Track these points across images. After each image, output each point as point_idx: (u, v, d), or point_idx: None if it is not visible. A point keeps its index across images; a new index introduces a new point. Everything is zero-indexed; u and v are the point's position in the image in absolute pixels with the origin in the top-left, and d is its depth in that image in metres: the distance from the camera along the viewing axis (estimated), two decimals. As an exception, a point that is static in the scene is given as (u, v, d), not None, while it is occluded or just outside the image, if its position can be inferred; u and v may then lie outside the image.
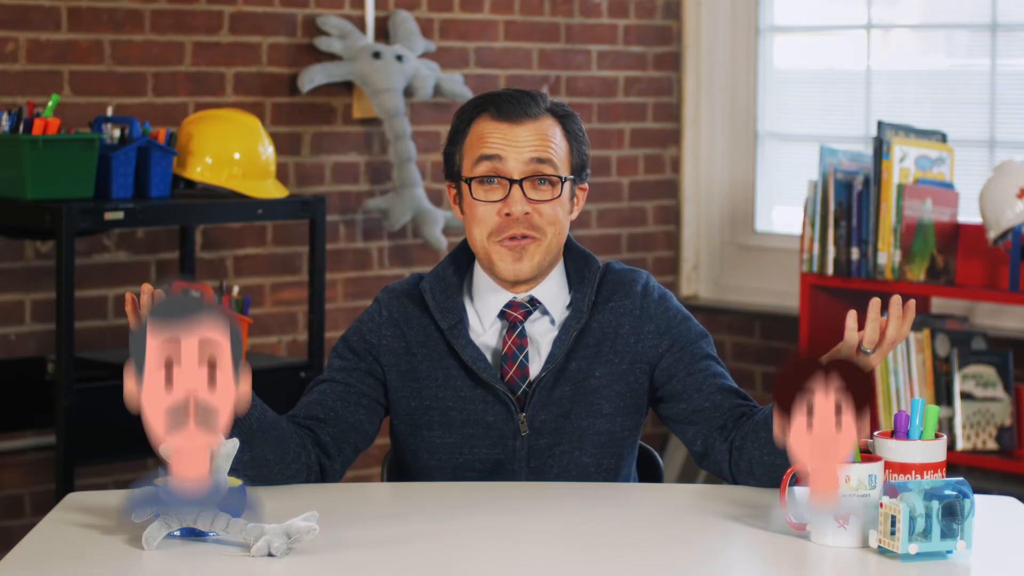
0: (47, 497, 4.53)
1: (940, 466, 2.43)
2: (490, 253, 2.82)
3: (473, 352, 2.81)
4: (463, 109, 2.87)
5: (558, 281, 2.87)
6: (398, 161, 4.96)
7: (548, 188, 2.81)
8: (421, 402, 2.84)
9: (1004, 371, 4.74)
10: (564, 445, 2.82)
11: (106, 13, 4.59)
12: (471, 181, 2.81)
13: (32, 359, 4.44)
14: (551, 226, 2.81)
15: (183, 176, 4.30)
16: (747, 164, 5.78)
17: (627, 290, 2.88)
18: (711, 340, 2.92)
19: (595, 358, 2.84)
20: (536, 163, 2.80)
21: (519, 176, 2.80)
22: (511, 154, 2.80)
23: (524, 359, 2.82)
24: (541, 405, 2.81)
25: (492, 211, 2.80)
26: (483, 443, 2.82)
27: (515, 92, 2.84)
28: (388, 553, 2.37)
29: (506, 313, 2.84)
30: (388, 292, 2.92)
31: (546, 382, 2.81)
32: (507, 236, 2.80)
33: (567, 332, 2.82)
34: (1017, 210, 4.53)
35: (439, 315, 2.84)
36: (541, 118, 2.83)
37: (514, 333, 2.83)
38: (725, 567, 2.39)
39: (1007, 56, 5.22)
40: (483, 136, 2.82)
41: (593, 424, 2.83)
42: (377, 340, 2.86)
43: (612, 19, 5.64)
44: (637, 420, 2.89)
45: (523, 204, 2.79)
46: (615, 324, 2.86)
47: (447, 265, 2.90)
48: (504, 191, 2.80)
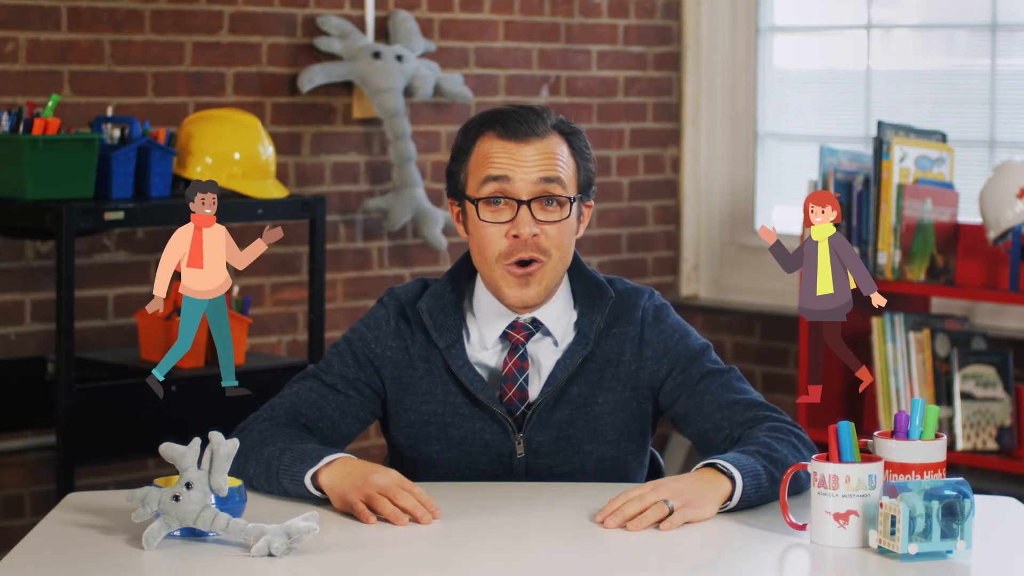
0: (47, 497, 4.53)
1: (940, 466, 2.43)
2: (496, 278, 2.76)
3: (470, 373, 2.78)
4: (467, 127, 2.81)
5: (562, 301, 2.83)
6: (398, 161, 4.96)
7: (556, 208, 2.75)
8: (420, 416, 2.82)
9: (1004, 371, 4.74)
10: (565, 467, 2.80)
11: (106, 13, 4.59)
12: (478, 202, 2.75)
13: (32, 359, 4.44)
14: (557, 249, 2.75)
15: (183, 176, 4.30)
16: (747, 164, 5.78)
17: (629, 315, 2.84)
18: (711, 351, 2.86)
19: (598, 384, 2.81)
20: (544, 183, 2.74)
21: (527, 197, 2.74)
22: (519, 174, 2.74)
23: (524, 381, 2.79)
24: (539, 427, 2.79)
25: (500, 233, 2.74)
26: (481, 460, 2.81)
27: (521, 109, 2.78)
28: (388, 553, 2.38)
29: (508, 335, 2.81)
30: (395, 297, 2.87)
31: (545, 405, 2.79)
32: (514, 261, 2.74)
33: (571, 357, 2.79)
34: (1017, 210, 4.53)
35: (436, 334, 2.80)
36: (548, 136, 2.76)
37: (515, 355, 2.80)
38: (725, 567, 2.39)
39: (1007, 56, 5.22)
40: (489, 156, 2.76)
41: (597, 449, 2.81)
42: (381, 351, 2.83)
43: (612, 19, 5.64)
44: (643, 442, 2.87)
45: (532, 226, 2.73)
46: (617, 351, 2.82)
47: (445, 284, 2.84)
48: (512, 212, 2.74)
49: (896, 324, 4.79)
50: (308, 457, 2.60)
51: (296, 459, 2.61)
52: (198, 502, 2.33)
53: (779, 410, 2.77)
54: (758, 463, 2.57)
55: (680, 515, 2.47)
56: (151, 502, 2.34)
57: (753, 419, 2.74)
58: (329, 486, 2.56)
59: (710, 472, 2.56)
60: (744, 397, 2.78)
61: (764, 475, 2.56)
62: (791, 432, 2.69)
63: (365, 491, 2.51)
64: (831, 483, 2.36)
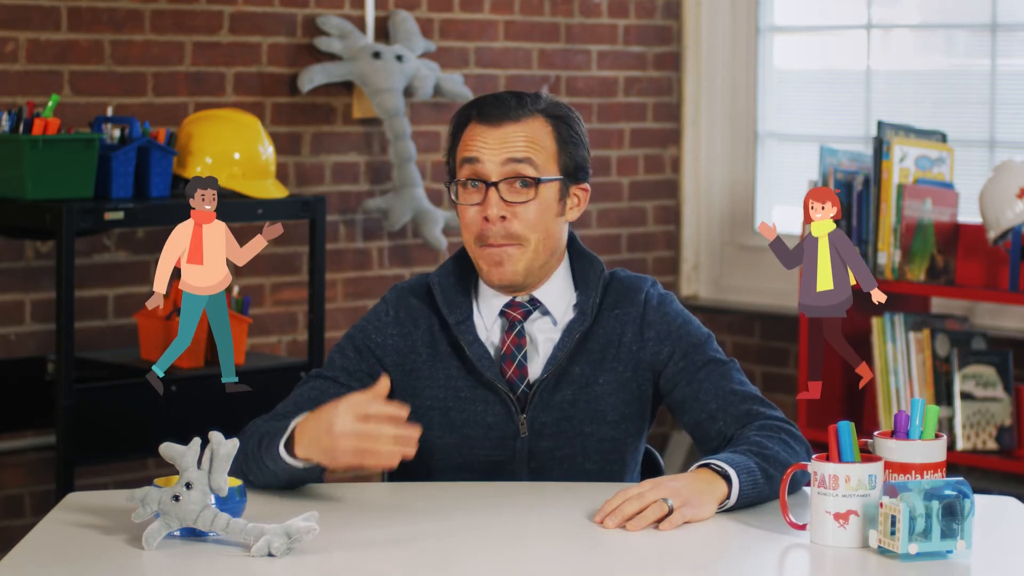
0: (47, 497, 4.53)
1: (940, 466, 2.43)
2: (476, 259, 2.82)
3: (479, 349, 2.81)
4: (456, 113, 2.87)
5: (562, 281, 2.86)
6: (398, 161, 4.96)
7: (527, 190, 2.78)
8: (422, 402, 2.83)
9: (1004, 371, 4.74)
10: (566, 449, 2.82)
11: (106, 13, 4.59)
12: (456, 185, 2.82)
13: (32, 359, 4.44)
14: (534, 232, 2.78)
15: (183, 176, 4.30)
16: (747, 164, 5.78)
17: (632, 297, 2.87)
18: (714, 341, 2.89)
19: (599, 364, 2.83)
20: (512, 163, 2.78)
21: (496, 178, 2.78)
22: (487, 155, 2.78)
23: (523, 359, 2.81)
24: (542, 407, 2.81)
25: (476, 215, 2.79)
26: (483, 444, 2.82)
27: (503, 95, 2.83)
28: (388, 553, 2.38)
29: (506, 312, 2.84)
30: (396, 291, 2.92)
31: (547, 384, 2.81)
32: (488, 244, 2.79)
33: (570, 334, 2.82)
34: (1017, 210, 4.53)
35: (447, 309, 2.83)
36: (525, 119, 2.80)
37: (513, 332, 2.82)
38: (725, 567, 2.39)
39: (1007, 56, 5.22)
40: (467, 140, 2.81)
41: (597, 430, 2.83)
42: (382, 339, 2.86)
43: (612, 19, 5.64)
44: (641, 426, 2.88)
45: (499, 207, 2.77)
46: (619, 331, 2.84)
47: (455, 261, 2.89)
48: (482, 194, 2.79)
49: (896, 324, 4.79)
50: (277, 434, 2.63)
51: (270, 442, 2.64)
52: (198, 502, 2.33)
53: (773, 406, 2.78)
54: (751, 461, 2.58)
55: (679, 514, 2.47)
56: (151, 502, 2.34)
57: (747, 413, 2.76)
58: (307, 459, 2.60)
59: (706, 472, 2.56)
60: (741, 389, 2.80)
61: (759, 472, 2.57)
62: (781, 429, 2.70)
63: (339, 449, 2.55)
64: (831, 483, 2.36)
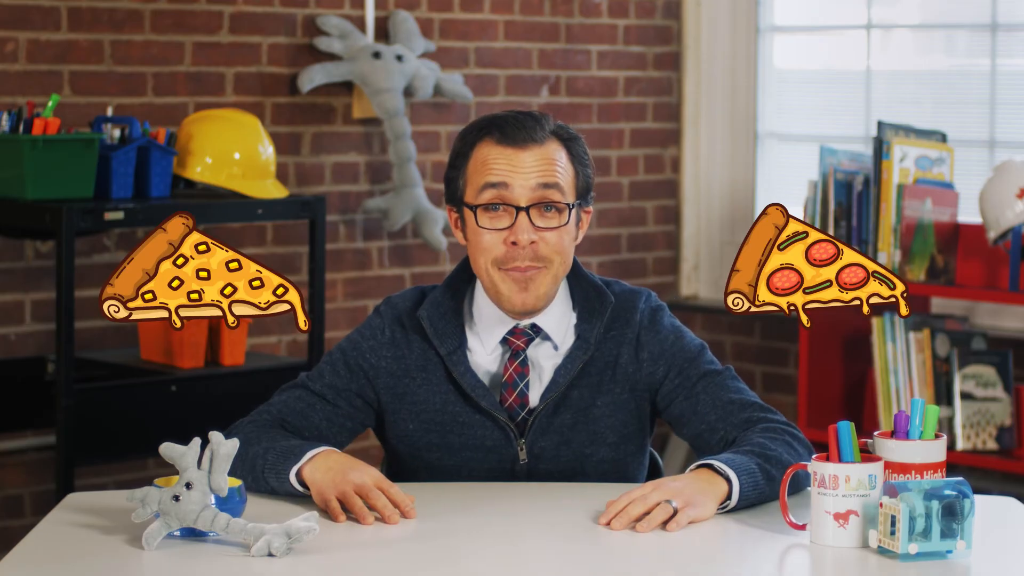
0: (47, 497, 4.53)
1: (940, 466, 2.43)
2: (496, 283, 2.76)
3: (472, 380, 2.78)
4: (465, 132, 2.80)
5: (561, 306, 2.82)
6: (398, 161, 4.96)
7: (555, 215, 2.75)
8: (420, 425, 2.81)
9: (1004, 371, 4.74)
10: (566, 471, 2.80)
11: (106, 13, 4.59)
12: (476, 209, 2.75)
13: (32, 359, 4.44)
14: (557, 255, 2.75)
15: (183, 176, 4.30)
16: (747, 164, 5.79)
17: (627, 318, 2.84)
18: (708, 352, 2.86)
19: (597, 387, 2.81)
20: (543, 189, 2.73)
21: (526, 203, 2.73)
22: (517, 180, 2.73)
23: (525, 387, 2.79)
24: (541, 432, 2.79)
25: (498, 239, 2.74)
26: (482, 467, 2.80)
27: (519, 115, 2.77)
28: (388, 553, 2.38)
29: (508, 340, 2.80)
30: (391, 307, 2.86)
31: (547, 410, 2.78)
32: (513, 267, 2.74)
33: (572, 362, 2.79)
34: (1017, 210, 4.53)
35: (437, 341, 2.79)
36: (546, 142, 2.75)
37: (516, 361, 2.79)
38: (725, 567, 2.39)
39: (1007, 56, 5.23)
40: (487, 162, 2.75)
41: (597, 452, 2.81)
42: (376, 361, 2.82)
43: (612, 19, 5.64)
44: (642, 443, 2.87)
45: (530, 232, 2.72)
46: (615, 353, 2.82)
47: (444, 291, 2.84)
48: (511, 219, 2.73)
49: (896, 324, 4.79)
50: (291, 453, 2.61)
51: (280, 457, 2.61)
52: (198, 502, 2.33)
53: (774, 410, 2.77)
54: (752, 461, 2.57)
55: (684, 515, 2.47)
56: (151, 502, 2.34)
57: (748, 420, 2.74)
58: (310, 480, 2.57)
59: (707, 472, 2.56)
60: (739, 397, 2.78)
61: (760, 473, 2.56)
62: (785, 431, 2.69)
63: (341, 488, 2.52)
64: (831, 483, 2.36)
